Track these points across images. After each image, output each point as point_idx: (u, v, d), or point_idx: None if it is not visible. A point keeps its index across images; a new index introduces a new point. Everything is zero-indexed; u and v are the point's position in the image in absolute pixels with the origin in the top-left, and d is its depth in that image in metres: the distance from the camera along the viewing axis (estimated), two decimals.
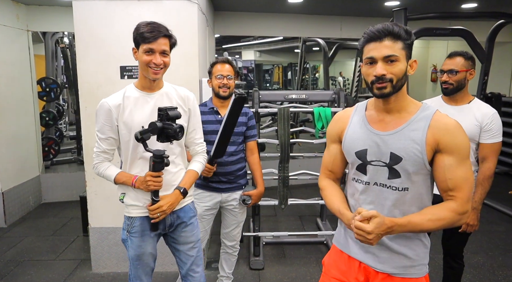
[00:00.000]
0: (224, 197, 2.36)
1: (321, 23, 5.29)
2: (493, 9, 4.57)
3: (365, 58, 1.25)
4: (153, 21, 1.64)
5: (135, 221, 1.74)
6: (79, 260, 3.19)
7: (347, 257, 1.42)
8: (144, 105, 1.70)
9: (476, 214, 2.09)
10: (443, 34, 4.44)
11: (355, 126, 1.36)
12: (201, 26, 3.09)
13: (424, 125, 1.24)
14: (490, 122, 2.05)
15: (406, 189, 1.27)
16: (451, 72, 2.09)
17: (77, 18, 2.70)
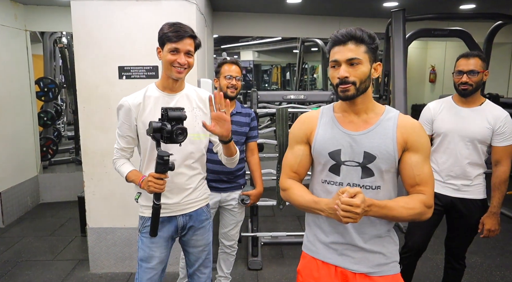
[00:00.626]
0: (223, 196, 2.38)
1: (320, 23, 5.30)
2: (491, 10, 4.59)
3: (330, 61, 1.29)
4: (178, 22, 1.64)
5: (147, 221, 1.71)
6: (77, 261, 3.19)
7: (321, 263, 1.40)
8: (165, 105, 1.62)
9: (496, 218, 2.08)
10: (441, 35, 4.46)
11: (325, 127, 1.37)
12: (200, 27, 3.09)
13: (392, 125, 1.30)
14: (503, 125, 2.02)
15: (379, 187, 1.31)
16: (472, 73, 2.04)
17: (75, 18, 2.70)
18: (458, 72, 2.09)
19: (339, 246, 1.36)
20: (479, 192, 2.14)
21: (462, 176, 2.12)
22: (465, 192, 2.13)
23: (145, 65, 2.78)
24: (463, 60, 2.09)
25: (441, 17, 4.46)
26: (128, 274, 2.92)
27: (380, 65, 1.32)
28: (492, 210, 2.08)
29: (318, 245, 1.41)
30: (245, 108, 2.45)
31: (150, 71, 2.79)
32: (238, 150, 2.25)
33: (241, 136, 2.37)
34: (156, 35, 2.79)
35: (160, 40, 1.65)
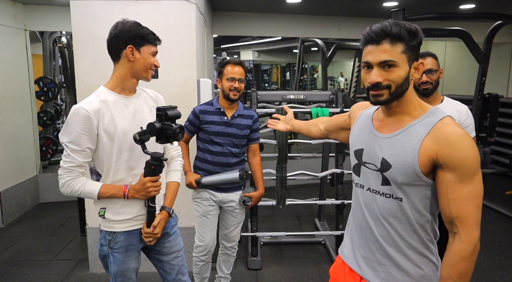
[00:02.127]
0: (224, 196, 2.37)
1: (320, 23, 5.30)
2: (491, 10, 4.58)
3: (362, 62, 1.16)
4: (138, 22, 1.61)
5: (119, 236, 1.62)
6: (77, 260, 3.18)
7: (348, 269, 1.32)
8: (124, 110, 1.59)
9: None
10: (441, 35, 4.45)
11: (360, 123, 1.31)
12: (199, 26, 3.08)
13: (423, 132, 1.11)
14: (466, 119, 2.10)
15: (400, 199, 1.15)
16: (431, 71, 2.12)
17: (75, 17, 2.69)
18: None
19: (369, 254, 1.25)
20: None
21: None
22: None
23: None
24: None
25: (440, 17, 4.46)
26: None
27: (423, 64, 1.16)
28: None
29: (350, 250, 1.33)
30: (247, 110, 2.40)
31: None
32: (239, 151, 2.35)
33: (241, 139, 2.35)
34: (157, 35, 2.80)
35: (136, 39, 1.54)
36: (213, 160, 2.31)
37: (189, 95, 2.83)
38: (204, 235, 2.37)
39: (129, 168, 1.60)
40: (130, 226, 1.64)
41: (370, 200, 1.22)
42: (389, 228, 1.18)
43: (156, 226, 1.64)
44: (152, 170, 1.54)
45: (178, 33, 2.78)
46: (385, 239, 1.20)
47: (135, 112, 1.61)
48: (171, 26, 2.76)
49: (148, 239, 1.66)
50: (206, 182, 2.30)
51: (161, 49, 2.76)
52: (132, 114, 1.60)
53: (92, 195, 1.54)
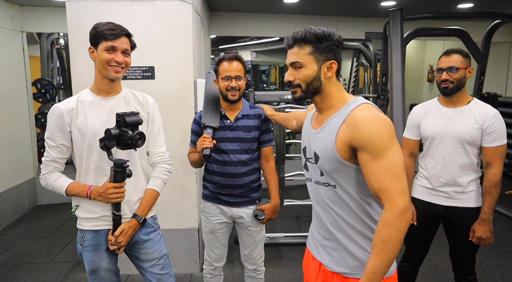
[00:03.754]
0: (234, 211, 2.08)
1: (317, 23, 5.21)
2: (489, 9, 4.57)
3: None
4: (112, 22, 1.59)
5: (87, 234, 1.64)
6: (74, 263, 3.17)
7: (311, 257, 1.41)
8: (99, 110, 1.60)
9: (488, 225, 1.92)
10: (439, 34, 4.45)
11: (305, 123, 1.42)
12: (196, 27, 3.07)
13: (340, 122, 1.21)
14: (491, 124, 1.89)
15: (334, 186, 1.26)
16: (451, 69, 1.93)
17: (70, 19, 2.68)
18: (438, 70, 1.99)
19: (324, 241, 1.33)
20: (473, 199, 1.98)
21: (453, 182, 1.97)
22: (457, 200, 1.99)
23: (141, 66, 2.77)
24: (443, 57, 1.99)
25: (438, 16, 4.45)
26: (125, 276, 2.90)
27: (335, 63, 1.23)
28: (483, 217, 1.92)
29: (311, 239, 1.44)
30: (254, 109, 2.10)
31: (146, 72, 2.78)
32: (250, 158, 2.05)
33: (250, 143, 2.04)
34: (152, 36, 2.78)
35: (93, 39, 1.56)
36: (220, 171, 2.03)
37: (186, 96, 2.82)
38: (211, 253, 2.17)
39: (101, 169, 1.61)
40: (96, 225, 1.64)
41: (316, 191, 1.33)
42: (334, 215, 1.28)
43: (118, 235, 1.61)
44: (114, 176, 1.53)
45: (175, 34, 2.76)
46: (333, 225, 1.29)
47: (112, 113, 1.60)
48: (167, 26, 2.75)
49: (112, 247, 1.63)
50: None
51: (157, 50, 2.78)
52: (107, 115, 1.60)
53: (61, 191, 1.60)
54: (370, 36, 5.47)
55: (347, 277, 1.27)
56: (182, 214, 2.91)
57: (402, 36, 3.92)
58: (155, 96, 1.97)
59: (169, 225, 2.92)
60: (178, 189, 2.81)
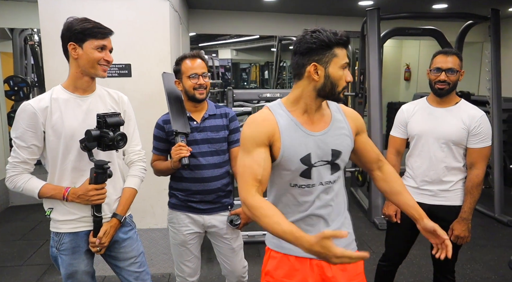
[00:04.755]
0: (206, 219, 1.94)
1: (297, 22, 5.31)
2: (463, 10, 4.70)
3: (343, 63, 1.25)
4: (88, 18, 1.54)
5: (64, 237, 1.58)
6: (48, 265, 3.08)
7: (294, 258, 1.35)
8: (76, 109, 1.55)
9: (466, 224, 1.94)
10: (415, 34, 4.56)
11: (289, 132, 1.27)
12: (174, 24, 3.03)
13: (342, 117, 1.37)
14: (478, 126, 1.89)
15: (339, 177, 1.39)
16: (451, 71, 1.89)
17: (43, 14, 2.60)
18: (436, 70, 1.93)
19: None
20: (457, 197, 1.99)
21: (438, 181, 1.98)
22: (442, 198, 1.99)
23: (118, 63, 2.71)
24: (441, 57, 1.94)
25: (414, 16, 4.55)
26: (102, 277, 2.85)
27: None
28: (462, 216, 1.94)
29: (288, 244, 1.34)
30: (220, 108, 2.01)
31: (123, 69, 2.73)
32: (221, 160, 1.94)
33: (220, 144, 1.93)
34: (129, 33, 2.73)
35: (78, 35, 1.49)
36: (191, 176, 1.89)
37: (163, 94, 2.76)
38: (184, 267, 2.00)
39: (78, 170, 1.56)
40: (75, 227, 1.59)
41: (321, 191, 1.33)
42: (334, 206, 1.37)
43: (102, 237, 1.59)
44: (95, 178, 1.50)
45: (152, 31, 2.72)
46: (331, 217, 1.36)
47: (89, 112, 1.56)
48: (144, 23, 2.71)
49: (95, 249, 1.60)
50: None
51: (134, 47, 2.73)
52: (84, 114, 1.56)
53: (33, 193, 1.52)
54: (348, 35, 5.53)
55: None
56: (159, 213, 2.87)
57: (379, 36, 3.99)
58: (132, 94, 1.95)
59: (147, 224, 2.88)
60: (155, 188, 2.77)
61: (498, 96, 4.12)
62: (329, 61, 1.22)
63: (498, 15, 4.10)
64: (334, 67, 1.23)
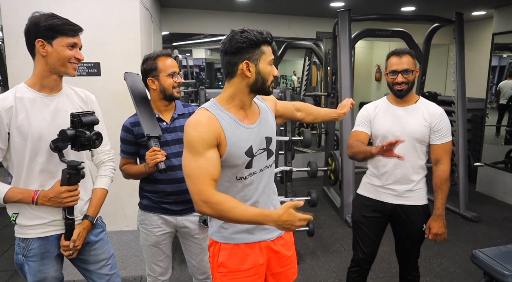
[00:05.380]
0: (179, 220, 1.93)
1: (270, 22, 5.34)
2: (429, 13, 4.85)
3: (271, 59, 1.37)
4: (56, 14, 1.49)
5: (32, 243, 1.52)
6: (12, 271, 2.96)
7: (244, 246, 1.47)
8: (43, 109, 1.49)
9: (442, 221, 1.97)
10: (384, 35, 4.66)
11: (231, 129, 1.35)
12: (145, 22, 2.99)
13: (264, 104, 1.52)
14: (439, 122, 1.94)
15: (274, 161, 1.53)
16: (407, 71, 1.91)
17: (5, 10, 2.50)
18: (392, 72, 1.95)
19: (257, 226, 1.45)
20: (420, 197, 2.02)
21: (403, 180, 1.99)
22: (406, 198, 2.01)
23: (86, 62, 2.65)
24: (395, 58, 1.95)
25: (384, 18, 4.66)
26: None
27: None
28: (437, 212, 1.96)
29: (238, 233, 1.46)
30: (188, 107, 1.99)
31: (92, 68, 2.67)
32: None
33: None
34: (97, 31, 2.66)
35: (47, 32, 1.43)
36: (164, 178, 1.87)
37: None
38: (155, 267, 1.99)
39: (47, 172, 1.51)
40: (44, 232, 1.53)
41: (263, 177, 1.46)
42: (271, 187, 1.53)
43: (75, 240, 1.55)
44: (68, 179, 1.46)
45: (122, 29, 2.67)
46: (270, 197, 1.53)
47: (57, 112, 1.51)
48: (113, 21, 2.65)
49: (67, 253, 1.56)
50: None
51: (103, 45, 2.67)
52: (52, 114, 1.50)
53: None
54: (321, 36, 5.61)
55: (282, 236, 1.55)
56: (130, 215, 2.82)
57: (350, 36, 4.06)
58: (101, 94, 1.90)
59: (118, 226, 2.83)
60: (126, 189, 2.72)
61: (463, 96, 4.28)
62: (258, 58, 1.32)
63: (462, 19, 4.26)
64: (263, 63, 1.33)
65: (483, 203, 4.64)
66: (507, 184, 4.65)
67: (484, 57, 5.24)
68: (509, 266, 1.91)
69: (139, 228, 1.99)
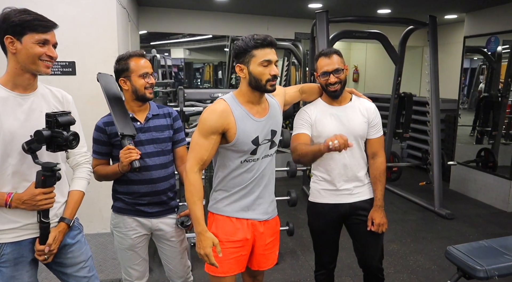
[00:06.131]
0: (154, 223, 1.91)
1: (249, 22, 5.35)
2: (404, 16, 4.97)
3: (262, 60, 1.55)
4: (27, 9, 1.42)
5: (5, 248, 1.45)
6: None
7: (235, 219, 1.72)
8: (16, 109, 1.43)
9: (382, 211, 2.00)
10: (361, 37, 4.74)
11: (242, 120, 1.62)
12: (122, 21, 2.94)
13: (274, 100, 1.75)
14: (375, 117, 2.00)
15: (276, 151, 1.78)
16: (338, 71, 1.90)
17: None
18: (323, 74, 1.92)
19: (250, 205, 1.73)
20: (368, 191, 2.05)
21: (354, 177, 2.00)
22: (357, 195, 2.02)
23: (61, 61, 2.59)
24: (323, 60, 1.92)
25: (360, 20, 4.73)
26: None
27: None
28: (378, 203, 1.99)
29: (232, 207, 1.72)
30: (163, 108, 1.98)
31: (67, 67, 2.61)
32: (167, 160, 1.92)
33: (165, 144, 1.91)
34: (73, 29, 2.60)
35: (16, 28, 1.37)
36: (138, 178, 1.85)
37: None
38: (132, 271, 1.95)
39: (19, 174, 1.45)
40: (18, 236, 1.47)
41: (263, 164, 1.71)
42: (270, 174, 1.76)
43: (51, 244, 1.50)
44: (43, 181, 1.41)
45: (98, 27, 2.62)
46: (268, 182, 1.77)
47: (31, 112, 1.46)
48: (89, 19, 2.59)
49: (42, 258, 1.50)
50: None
51: (78, 44, 2.61)
52: (26, 114, 1.45)
53: None
54: (299, 37, 5.66)
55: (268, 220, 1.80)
56: (108, 217, 2.72)
57: (328, 37, 4.11)
58: (76, 93, 1.85)
59: (95, 229, 2.77)
60: (103, 191, 2.66)
61: (437, 97, 4.40)
62: (249, 61, 1.56)
63: (435, 22, 4.38)
64: (253, 65, 1.56)
65: (456, 200, 4.78)
66: (478, 182, 4.81)
67: (457, 59, 5.41)
68: (481, 262, 1.98)
69: (113, 232, 1.96)
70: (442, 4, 4.74)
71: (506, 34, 4.52)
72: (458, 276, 2.10)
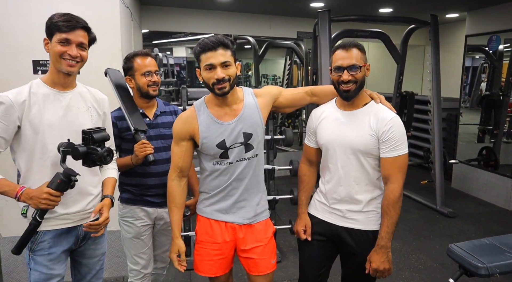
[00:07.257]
0: (159, 212, 2.01)
1: (251, 21, 5.36)
2: (406, 15, 4.97)
3: (205, 65, 1.52)
4: (69, 13, 1.52)
5: (44, 235, 1.52)
6: None
7: (213, 221, 1.71)
8: (56, 104, 1.52)
9: (386, 254, 1.58)
10: (363, 36, 4.73)
11: (206, 124, 1.60)
12: (125, 20, 2.95)
13: (254, 101, 1.65)
14: (387, 130, 1.55)
15: (256, 154, 1.67)
16: (354, 68, 1.55)
17: None
18: (337, 69, 1.58)
19: (229, 208, 1.69)
20: (371, 221, 1.65)
21: (349, 199, 1.65)
22: (352, 221, 1.66)
23: None
24: (340, 52, 1.58)
25: (362, 19, 4.73)
26: None
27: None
28: (380, 243, 1.58)
29: (211, 209, 1.71)
30: (169, 106, 2.08)
31: None
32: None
33: (171, 140, 1.88)
34: None
35: (48, 30, 1.49)
36: (145, 171, 1.94)
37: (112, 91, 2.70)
38: (138, 259, 2.02)
39: (58, 166, 1.48)
40: (59, 223, 1.55)
41: (239, 167, 1.64)
42: (251, 178, 1.67)
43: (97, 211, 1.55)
44: (58, 184, 1.43)
45: (101, 27, 2.60)
46: (247, 186, 1.67)
47: (69, 108, 1.54)
48: (92, 19, 2.52)
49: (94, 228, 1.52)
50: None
51: None
52: (64, 110, 1.53)
53: None
54: (301, 36, 5.66)
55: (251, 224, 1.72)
56: (112, 216, 2.77)
57: (330, 37, 4.12)
58: None
59: None
60: None
61: (438, 96, 4.41)
62: (200, 66, 1.55)
63: (437, 21, 4.38)
64: (202, 70, 1.55)
65: (458, 199, 4.79)
66: (480, 180, 4.82)
67: (458, 58, 5.41)
68: (483, 259, 1.99)
69: (120, 222, 2.03)
70: (444, 3, 4.74)
71: (508, 33, 4.52)
72: (459, 273, 2.11)
